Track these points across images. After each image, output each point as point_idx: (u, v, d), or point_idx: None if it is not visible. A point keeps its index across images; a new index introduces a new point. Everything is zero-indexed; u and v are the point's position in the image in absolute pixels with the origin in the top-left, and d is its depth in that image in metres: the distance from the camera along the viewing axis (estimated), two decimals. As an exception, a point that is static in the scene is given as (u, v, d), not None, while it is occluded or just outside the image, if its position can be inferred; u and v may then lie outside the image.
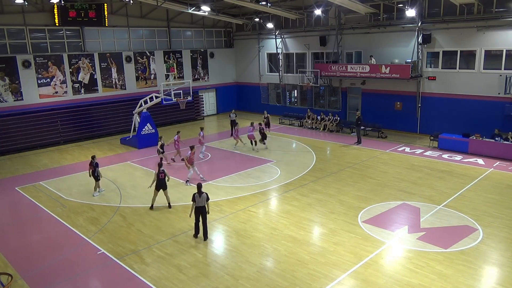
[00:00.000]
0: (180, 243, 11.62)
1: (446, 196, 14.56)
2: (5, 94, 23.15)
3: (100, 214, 13.95)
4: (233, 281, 9.64)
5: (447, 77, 22.45)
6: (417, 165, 18.39)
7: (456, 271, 9.79)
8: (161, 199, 14.60)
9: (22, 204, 15.28)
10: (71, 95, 25.74)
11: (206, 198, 11.56)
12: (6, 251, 11.55)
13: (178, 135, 19.56)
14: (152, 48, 29.61)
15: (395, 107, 24.70)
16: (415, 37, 22.81)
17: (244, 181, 16.74)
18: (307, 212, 13.53)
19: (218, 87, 34.09)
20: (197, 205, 11.53)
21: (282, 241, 11.57)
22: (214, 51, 33.35)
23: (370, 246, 11.10)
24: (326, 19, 27.10)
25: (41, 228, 13.11)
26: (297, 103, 31.28)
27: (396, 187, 15.65)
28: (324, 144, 22.90)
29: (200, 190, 11.53)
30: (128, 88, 28.32)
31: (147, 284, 9.64)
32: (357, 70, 24.50)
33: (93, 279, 10.13)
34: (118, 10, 27.15)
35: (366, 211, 13.42)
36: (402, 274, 9.70)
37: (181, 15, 29.91)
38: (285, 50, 30.69)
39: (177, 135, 19.54)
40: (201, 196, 11.47)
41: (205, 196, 11.55)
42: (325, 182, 16.44)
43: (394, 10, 23.79)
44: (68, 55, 25.33)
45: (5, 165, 20.63)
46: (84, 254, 11.31)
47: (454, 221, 12.53)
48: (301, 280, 9.58)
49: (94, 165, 15.38)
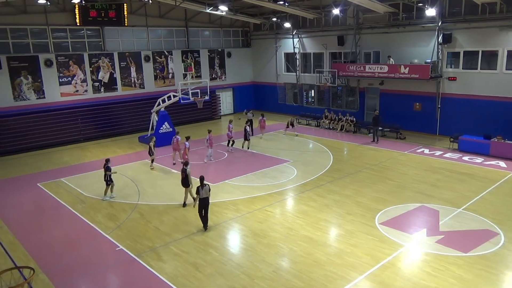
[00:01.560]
0: (197, 241, 11.71)
1: (466, 199, 14.30)
2: (28, 93, 23.71)
3: (119, 211, 14.17)
4: (249, 281, 9.67)
5: (468, 78, 22.03)
6: (436, 167, 18.11)
7: (476, 276, 9.61)
8: (180, 196, 14.77)
9: (44, 200, 15.63)
10: (91, 93, 26.20)
11: (208, 189, 12.21)
12: (28, 245, 11.84)
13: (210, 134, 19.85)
14: (170, 47, 29.89)
15: (414, 107, 24.36)
16: (435, 37, 22.45)
17: (260, 181, 16.76)
18: (323, 213, 13.47)
19: (235, 86, 34.20)
20: (200, 197, 12.05)
21: (299, 241, 11.55)
22: (232, 51, 33.46)
23: (388, 248, 10.98)
24: (344, 19, 26.90)
25: (61, 224, 13.40)
26: (314, 103, 31.15)
27: (415, 189, 15.44)
28: (342, 145, 22.74)
29: (203, 182, 12.15)
30: (146, 87, 28.67)
31: (164, 281, 9.76)
32: (375, 70, 24.24)
33: (111, 275, 10.30)
34: (137, 10, 27.49)
35: (384, 213, 13.29)
36: (420, 278, 9.57)
37: (199, 15, 30.11)
38: (302, 50, 30.59)
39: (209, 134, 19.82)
40: (204, 188, 12.05)
41: (208, 187, 12.20)
42: (343, 183, 16.34)
43: (414, 9, 23.45)
44: (89, 54, 25.79)
45: (27, 161, 21.14)
46: (102, 250, 11.52)
47: (474, 225, 12.30)
48: (317, 281, 9.55)
49: (106, 168, 15.01)
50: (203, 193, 12.06)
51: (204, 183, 12.20)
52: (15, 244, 11.91)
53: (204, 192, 12.08)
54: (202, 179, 12.26)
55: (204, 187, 12.09)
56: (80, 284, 9.87)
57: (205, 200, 12.16)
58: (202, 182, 12.19)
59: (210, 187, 12.35)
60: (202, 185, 12.10)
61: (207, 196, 12.18)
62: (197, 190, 12.17)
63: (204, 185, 12.12)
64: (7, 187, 17.10)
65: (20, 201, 15.50)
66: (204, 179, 12.28)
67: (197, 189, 12.14)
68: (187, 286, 9.53)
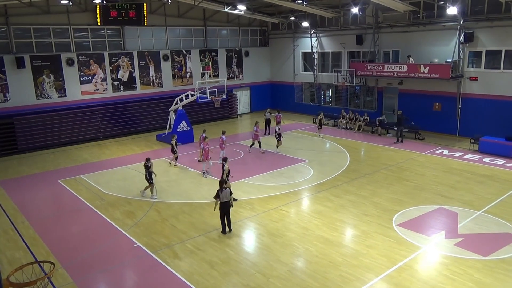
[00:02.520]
0: (213, 240, 11.79)
1: (487, 201, 14.00)
2: (50, 91, 24.24)
3: (136, 208, 14.37)
4: (264, 280, 9.70)
5: (490, 78, 21.54)
6: (456, 168, 17.78)
7: (496, 280, 9.41)
8: (196, 195, 14.89)
9: (64, 196, 15.97)
10: (111, 92, 26.62)
11: (229, 193, 11.93)
12: (48, 240, 12.12)
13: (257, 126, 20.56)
14: (189, 46, 30.12)
15: (434, 108, 23.96)
16: (457, 36, 22.02)
17: (276, 180, 16.76)
18: (339, 213, 13.39)
19: (253, 85, 34.24)
20: (221, 201, 11.85)
21: (314, 241, 11.51)
22: (249, 50, 33.52)
23: (405, 250, 10.85)
24: (363, 18, 26.64)
25: (80, 220, 13.67)
26: (331, 102, 30.95)
27: (433, 190, 15.20)
28: (359, 145, 22.54)
29: (223, 185, 12.00)
30: (164, 86, 28.97)
31: (180, 279, 9.86)
32: (395, 70, 23.93)
33: (128, 271, 10.46)
34: (156, 10, 27.79)
35: (401, 214, 13.13)
36: (437, 281, 9.43)
37: (217, 14, 30.26)
38: (320, 49, 30.42)
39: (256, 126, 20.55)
40: (224, 191, 11.83)
41: (228, 191, 11.94)
42: (359, 183, 16.20)
43: (435, 8, 23.06)
44: (109, 53, 26.21)
45: (48, 158, 21.63)
46: (120, 246, 11.70)
47: (495, 228, 12.04)
48: (333, 282, 9.50)
49: (145, 167, 14.98)
50: (223, 197, 11.83)
51: (225, 187, 12.06)
52: (36, 239, 12.22)
53: (224, 195, 11.84)
54: (222, 183, 12.14)
55: (224, 190, 11.89)
56: (98, 280, 10.06)
57: (225, 204, 11.91)
58: (222, 185, 12.05)
59: (231, 191, 12.15)
60: (222, 188, 11.91)
61: (227, 200, 11.89)
62: (217, 194, 11.93)
63: (224, 188, 11.94)
64: (29, 183, 17.54)
65: (41, 197, 15.88)
66: (224, 182, 12.17)
67: (217, 192, 11.92)
68: (203, 284, 9.62)
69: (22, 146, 22.85)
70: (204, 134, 18.79)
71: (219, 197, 11.83)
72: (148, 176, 15.01)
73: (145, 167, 15.04)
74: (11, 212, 14.35)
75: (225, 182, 13.72)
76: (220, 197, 11.83)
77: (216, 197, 11.92)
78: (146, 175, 15.06)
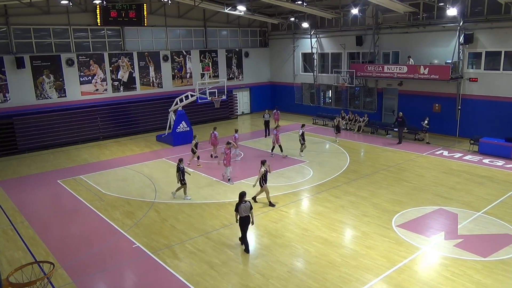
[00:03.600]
0: (212, 240, 11.79)
1: (486, 202, 14.01)
2: (50, 91, 24.24)
3: (136, 208, 14.37)
4: (263, 280, 9.69)
5: (489, 79, 21.56)
6: (455, 169, 17.79)
7: (496, 281, 9.41)
8: (195, 195, 14.88)
9: (63, 196, 15.97)
10: (110, 92, 26.63)
11: (249, 207, 10.88)
12: (48, 240, 12.11)
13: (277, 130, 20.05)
14: (189, 47, 30.13)
15: (433, 109, 23.97)
16: (456, 37, 22.04)
17: (276, 181, 16.75)
18: (339, 214, 13.39)
19: (252, 86, 34.25)
20: (240, 215, 10.89)
21: (314, 242, 11.51)
22: (249, 51, 33.54)
23: (404, 251, 10.85)
24: (363, 19, 26.67)
25: (80, 220, 13.66)
26: (331, 103, 30.96)
27: (433, 191, 15.20)
28: (358, 146, 22.55)
29: (243, 198, 10.86)
30: (164, 87, 28.98)
31: (179, 279, 9.86)
32: (394, 71, 23.95)
33: (128, 272, 10.45)
34: (156, 10, 27.81)
35: (401, 215, 13.13)
36: (437, 282, 9.43)
37: (217, 15, 30.28)
38: (320, 50, 30.44)
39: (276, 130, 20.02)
40: (244, 205, 10.80)
41: (249, 205, 10.89)
42: (359, 184, 16.20)
43: (435, 9, 23.08)
44: (109, 54, 26.22)
45: (48, 158, 21.62)
46: (120, 246, 11.70)
47: (494, 229, 12.04)
48: (332, 283, 9.50)
49: (178, 168, 14.78)
50: (242, 211, 10.77)
51: (245, 200, 10.91)
52: (35, 240, 12.21)
53: (244, 209, 10.77)
54: (242, 196, 10.88)
55: (244, 203, 10.78)
56: (98, 280, 10.06)
57: (245, 219, 10.86)
58: (242, 198, 10.83)
59: (251, 205, 11.00)
60: (242, 201, 10.78)
61: (247, 214, 10.83)
62: (236, 207, 10.89)
63: (244, 202, 10.80)
64: (29, 183, 17.53)
65: (41, 198, 15.87)
66: (245, 195, 10.94)
67: (236, 206, 10.88)
68: (202, 284, 9.61)
69: (22, 146, 22.85)
70: (236, 135, 19.72)
71: (238, 211, 10.80)
72: (181, 177, 14.77)
73: (178, 169, 14.74)
74: (11, 212, 14.34)
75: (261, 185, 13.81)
76: (239, 211, 10.80)
77: (236, 210, 10.88)
78: (180, 176, 14.71)
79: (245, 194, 11.01)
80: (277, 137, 20.06)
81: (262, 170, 13.84)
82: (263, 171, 13.86)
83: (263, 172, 13.86)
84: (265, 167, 13.93)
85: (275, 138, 20.09)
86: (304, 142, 20.41)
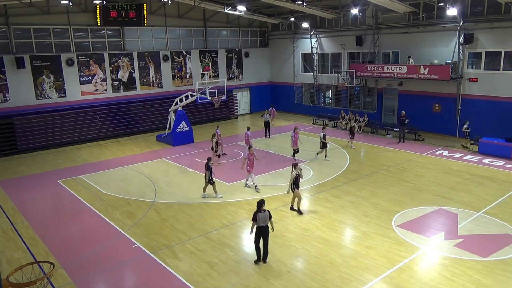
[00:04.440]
0: (212, 240, 11.79)
1: (486, 202, 14.01)
2: (50, 91, 24.24)
3: (136, 208, 14.37)
4: (263, 280, 9.69)
5: (489, 79, 21.57)
6: (455, 169, 17.79)
7: (495, 281, 9.41)
8: (195, 195, 14.88)
9: (63, 196, 15.96)
10: (110, 92, 26.63)
11: (269, 216, 10.23)
12: (48, 240, 12.11)
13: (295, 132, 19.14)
14: (189, 47, 30.13)
15: (434, 109, 23.98)
16: (456, 37, 22.05)
17: (276, 181, 16.75)
18: (339, 214, 13.39)
19: (252, 86, 34.25)
20: (258, 225, 10.20)
21: (314, 242, 11.51)
22: (249, 51, 33.53)
23: (404, 251, 10.85)
24: (363, 19, 26.67)
25: (80, 220, 13.66)
26: (331, 103, 30.96)
27: (433, 191, 15.20)
28: (358, 146, 22.54)
29: (261, 207, 10.15)
30: (164, 87, 28.98)
31: (179, 279, 9.85)
32: (394, 71, 23.96)
33: (128, 271, 10.45)
34: (156, 10, 27.81)
35: (401, 215, 13.13)
36: (437, 282, 9.43)
37: (217, 15, 30.28)
38: (320, 50, 30.44)
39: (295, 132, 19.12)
40: (263, 214, 10.13)
41: (268, 214, 10.21)
42: (359, 184, 16.20)
43: (435, 9, 23.09)
44: (109, 54, 26.21)
45: (48, 158, 21.62)
46: (119, 246, 11.69)
47: (494, 229, 12.04)
48: (332, 283, 9.50)
49: (206, 168, 14.71)
50: (261, 221, 10.10)
51: (264, 209, 10.18)
52: (35, 239, 12.21)
53: (262, 219, 10.10)
54: (260, 204, 10.15)
55: (262, 213, 10.10)
56: (98, 280, 10.05)
57: (263, 228, 10.20)
58: (261, 207, 10.11)
59: (271, 214, 10.30)
60: (260, 210, 10.09)
61: (265, 224, 10.18)
62: (254, 216, 10.18)
63: (262, 211, 10.11)
64: (29, 183, 17.53)
65: (41, 198, 15.87)
66: (263, 204, 10.20)
67: (254, 215, 10.18)
68: (202, 284, 9.61)
69: (22, 146, 22.84)
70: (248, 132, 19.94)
71: (256, 220, 10.14)
72: (210, 176, 14.66)
73: (207, 168, 14.67)
74: (11, 212, 14.34)
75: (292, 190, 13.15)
76: (257, 221, 10.14)
77: (253, 219, 10.18)
78: (209, 176, 14.60)
79: (264, 202, 10.25)
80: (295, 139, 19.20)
81: (293, 174, 13.09)
82: (295, 175, 13.09)
83: (294, 176, 13.08)
84: (296, 170, 13.20)
85: (293, 141, 19.25)
86: (326, 147, 19.41)
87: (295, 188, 13.31)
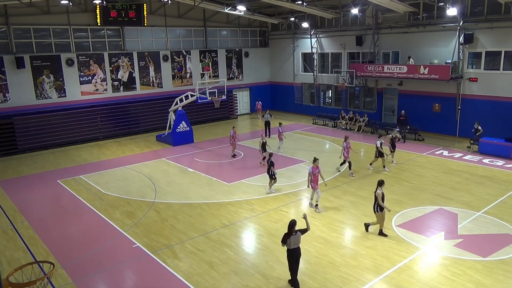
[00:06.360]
0: (212, 240, 11.79)
1: (486, 202, 14.01)
2: (50, 91, 24.24)
3: (136, 208, 14.37)
4: (263, 280, 9.69)
5: (489, 79, 21.56)
6: (455, 169, 17.79)
7: (496, 281, 9.41)
8: (195, 195, 14.86)
9: (63, 196, 15.96)
10: (110, 92, 26.62)
11: (300, 237, 9.07)
12: (48, 240, 12.11)
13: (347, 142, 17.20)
14: (189, 47, 30.13)
15: (433, 109, 23.98)
16: (456, 37, 22.04)
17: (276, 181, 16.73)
18: (339, 214, 13.39)
19: (252, 86, 34.25)
20: (289, 247, 9.02)
21: (314, 242, 11.50)
22: (249, 51, 33.53)
23: (404, 251, 10.85)
24: (363, 19, 26.67)
25: (80, 220, 13.66)
26: (331, 103, 30.96)
27: (433, 191, 15.20)
28: (358, 146, 22.54)
29: (293, 228, 8.87)
30: (164, 87, 28.98)
31: (179, 279, 9.85)
32: (394, 71, 23.96)
33: (128, 271, 10.45)
34: (156, 10, 27.81)
35: (401, 215, 13.13)
36: (437, 282, 9.43)
37: (217, 14, 30.28)
38: (320, 49, 30.43)
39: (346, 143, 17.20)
40: (295, 236, 8.92)
41: (300, 235, 9.02)
42: (359, 184, 16.20)
43: (435, 9, 23.08)
44: (109, 53, 26.21)
45: (48, 158, 21.62)
46: (119, 246, 11.69)
47: (494, 229, 12.04)
48: (332, 283, 9.50)
49: (270, 163, 15.16)
50: (293, 243, 8.92)
51: (294, 230, 8.88)
52: (35, 239, 12.21)
53: (294, 242, 8.92)
54: (292, 225, 8.87)
55: (294, 235, 8.86)
56: (98, 280, 10.06)
57: (295, 250, 9.05)
58: (292, 228, 8.85)
59: (303, 231, 9.11)
60: (292, 231, 8.84)
61: (296, 246, 9.03)
62: (283, 239, 8.97)
63: (294, 233, 8.86)
64: (28, 183, 17.53)
65: (41, 198, 15.87)
66: (295, 225, 8.91)
67: (284, 236, 8.97)
68: (202, 284, 9.61)
69: (22, 146, 22.84)
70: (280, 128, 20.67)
71: (287, 242, 8.93)
72: (272, 172, 15.18)
73: (271, 163, 15.16)
74: (11, 212, 14.34)
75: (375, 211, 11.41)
76: (289, 244, 8.94)
77: (283, 242, 9.00)
78: (272, 171, 15.16)
79: (295, 223, 8.95)
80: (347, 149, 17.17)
81: (379, 193, 11.37)
82: (380, 193, 11.40)
83: (380, 195, 11.40)
84: (382, 189, 11.47)
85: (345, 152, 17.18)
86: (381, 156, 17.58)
87: (379, 210, 11.45)
